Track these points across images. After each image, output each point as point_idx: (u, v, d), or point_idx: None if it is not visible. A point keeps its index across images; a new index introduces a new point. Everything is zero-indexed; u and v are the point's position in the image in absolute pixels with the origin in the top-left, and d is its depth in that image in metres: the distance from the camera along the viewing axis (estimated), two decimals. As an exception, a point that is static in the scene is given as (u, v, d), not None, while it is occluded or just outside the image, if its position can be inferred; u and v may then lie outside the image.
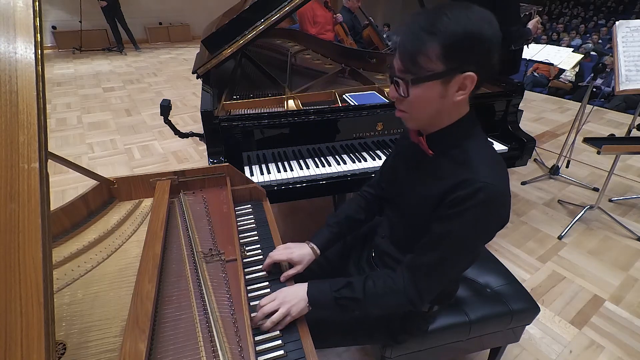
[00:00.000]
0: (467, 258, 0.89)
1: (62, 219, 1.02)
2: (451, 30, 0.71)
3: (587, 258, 2.13)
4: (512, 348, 1.59)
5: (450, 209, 0.79)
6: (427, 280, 0.85)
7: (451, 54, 0.72)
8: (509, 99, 1.82)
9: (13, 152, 0.53)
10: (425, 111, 0.82)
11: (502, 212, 0.81)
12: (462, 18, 0.71)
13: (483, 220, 0.79)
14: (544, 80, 6.05)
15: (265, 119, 1.54)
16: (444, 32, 0.71)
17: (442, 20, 0.71)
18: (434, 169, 0.87)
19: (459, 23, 0.71)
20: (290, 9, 1.60)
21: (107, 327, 0.78)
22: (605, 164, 3.08)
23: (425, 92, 0.78)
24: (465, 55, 0.73)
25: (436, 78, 0.75)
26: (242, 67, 2.35)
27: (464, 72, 0.74)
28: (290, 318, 0.83)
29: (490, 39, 0.72)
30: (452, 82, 0.76)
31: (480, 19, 0.72)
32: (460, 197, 0.77)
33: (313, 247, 1.06)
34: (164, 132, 3.77)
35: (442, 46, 0.72)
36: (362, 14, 4.15)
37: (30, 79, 0.56)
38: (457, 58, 0.73)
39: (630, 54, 2.14)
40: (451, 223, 0.80)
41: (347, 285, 0.90)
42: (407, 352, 1.12)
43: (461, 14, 0.72)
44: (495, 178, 0.78)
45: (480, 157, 0.81)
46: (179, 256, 0.97)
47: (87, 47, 7.64)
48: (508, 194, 0.80)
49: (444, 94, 0.78)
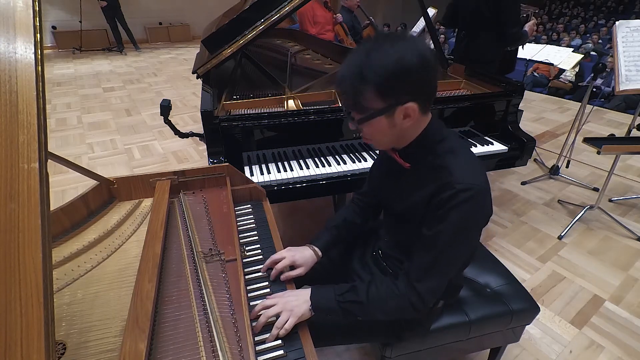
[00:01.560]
0: (461, 254, 0.91)
1: (62, 219, 1.02)
2: (379, 72, 0.76)
3: (587, 258, 2.13)
4: (512, 348, 1.59)
5: (436, 212, 0.84)
6: (426, 283, 0.87)
7: (385, 92, 0.78)
8: (509, 99, 1.82)
9: (13, 152, 0.53)
10: (384, 138, 0.88)
11: (484, 206, 0.86)
12: (386, 57, 0.76)
13: (468, 217, 0.83)
14: (544, 80, 6.05)
15: (265, 119, 1.54)
16: (373, 77, 0.76)
17: (369, 64, 0.76)
18: (415, 179, 0.92)
19: (384, 64, 0.75)
20: (290, 9, 1.61)
21: (107, 327, 0.78)
22: (605, 164, 3.08)
23: (374, 126, 0.84)
24: (398, 89, 0.78)
25: (378, 115, 0.81)
26: (242, 67, 2.35)
27: (404, 104, 0.79)
28: (293, 322, 0.82)
29: (417, 68, 0.76)
30: (396, 114, 0.81)
31: (404, 51, 0.75)
32: (443, 199, 0.82)
33: (315, 249, 1.07)
34: (164, 132, 3.77)
35: (375, 88, 0.77)
36: (362, 14, 4.15)
37: (30, 79, 0.56)
38: (392, 94, 0.78)
39: (630, 54, 2.14)
40: (438, 225, 0.83)
41: (350, 290, 0.91)
42: (407, 352, 1.12)
43: (386, 52, 0.76)
44: (473, 177, 0.82)
45: (456, 159, 0.85)
46: (179, 256, 0.97)
47: (87, 47, 7.64)
48: (486, 187, 0.84)
49: (392, 124, 0.83)
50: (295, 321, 0.82)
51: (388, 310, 0.91)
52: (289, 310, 0.83)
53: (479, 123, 1.87)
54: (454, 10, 2.67)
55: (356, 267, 1.19)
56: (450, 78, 2.11)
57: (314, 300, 0.88)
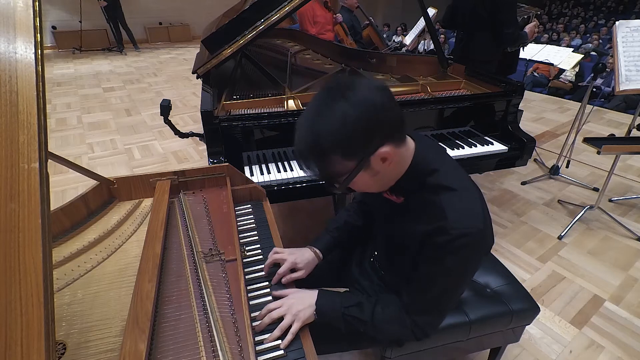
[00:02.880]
0: (460, 291, 0.91)
1: (62, 219, 1.02)
2: (333, 140, 0.71)
3: (587, 258, 2.13)
4: (512, 348, 1.59)
5: (432, 253, 0.81)
6: (426, 317, 0.88)
7: (350, 153, 0.73)
8: (509, 99, 1.82)
9: (13, 152, 0.53)
10: (371, 187, 0.84)
11: (483, 248, 0.82)
12: (331, 122, 0.70)
13: (465, 262, 0.81)
14: (544, 80, 6.05)
15: (265, 119, 1.54)
16: (330, 147, 0.71)
17: (319, 137, 0.71)
18: (408, 211, 0.88)
19: (335, 130, 0.70)
20: (290, 9, 1.60)
21: (107, 327, 0.78)
22: (605, 164, 3.08)
23: (358, 183, 0.80)
24: (360, 145, 0.72)
25: (356, 173, 0.76)
26: (242, 67, 2.35)
27: (374, 152, 0.74)
28: (298, 327, 0.81)
29: (366, 117, 0.70)
30: (372, 164, 0.76)
31: (345, 108, 0.69)
32: (439, 244, 0.78)
33: (315, 251, 1.07)
34: (164, 132, 3.77)
35: (339, 154, 0.72)
36: (362, 14, 4.15)
37: (30, 79, 0.56)
38: (358, 151, 0.73)
39: (630, 54, 2.14)
40: (436, 266, 0.81)
41: (357, 305, 0.90)
42: (407, 352, 1.12)
43: (328, 118, 0.71)
44: (470, 218, 0.77)
45: (452, 198, 0.79)
46: (179, 256, 0.97)
47: (87, 47, 7.64)
48: (485, 227, 0.79)
49: (374, 172, 0.78)
50: (300, 325, 0.82)
51: (389, 334, 0.92)
52: (294, 314, 0.82)
53: (479, 123, 1.87)
54: (453, 12, 2.68)
55: (354, 272, 1.19)
56: (450, 78, 2.12)
57: (319, 306, 0.87)
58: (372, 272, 1.14)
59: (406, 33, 6.11)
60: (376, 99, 0.71)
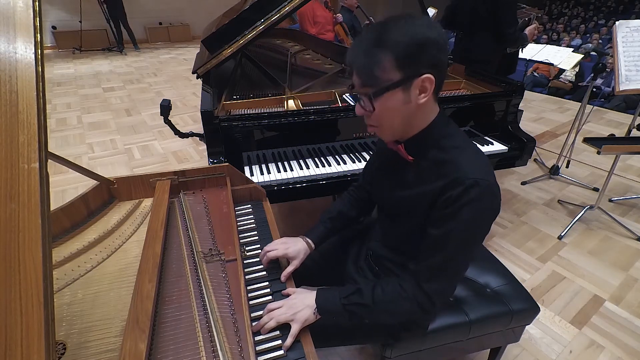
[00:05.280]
0: (472, 253, 0.88)
1: (62, 219, 1.02)
2: (399, 40, 0.75)
3: (587, 258, 2.13)
4: (512, 348, 1.59)
5: (445, 210, 0.80)
6: (436, 284, 0.85)
7: (404, 61, 0.76)
8: (509, 99, 1.82)
9: (13, 152, 0.53)
10: (395, 120, 0.84)
11: (494, 203, 0.82)
12: (406, 27, 0.75)
13: (479, 215, 0.80)
14: (544, 80, 6.05)
15: (265, 119, 1.54)
16: (393, 43, 0.75)
17: (388, 33, 0.76)
18: (417, 173, 0.89)
19: (404, 33, 0.75)
20: (290, 9, 1.60)
21: (107, 327, 0.78)
22: (605, 164, 3.08)
23: (389, 102, 0.80)
24: (417, 59, 0.76)
25: (396, 86, 0.78)
26: (242, 67, 2.35)
27: (421, 75, 0.76)
28: (298, 328, 0.82)
29: (436, 41, 0.76)
30: (412, 87, 0.78)
31: (423, 25, 0.76)
32: (453, 196, 0.78)
33: (308, 241, 1.08)
34: (164, 132, 3.76)
35: (394, 56, 0.75)
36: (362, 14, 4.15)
37: (30, 79, 0.56)
38: (411, 64, 0.76)
39: (630, 54, 2.14)
40: (448, 223, 0.80)
41: (356, 292, 0.90)
42: (407, 352, 1.12)
43: (405, 24, 0.76)
44: (483, 172, 0.79)
45: (463, 154, 0.83)
46: (179, 256, 0.97)
47: (87, 47, 7.63)
48: (496, 183, 0.81)
49: (407, 99, 0.79)
50: (300, 327, 0.82)
51: (395, 313, 0.90)
52: (292, 315, 0.82)
53: (479, 123, 1.87)
54: (453, 12, 2.68)
55: (351, 270, 1.19)
56: (450, 78, 2.11)
57: (319, 302, 0.87)
58: (368, 269, 1.14)
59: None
60: (440, 34, 0.77)
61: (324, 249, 1.20)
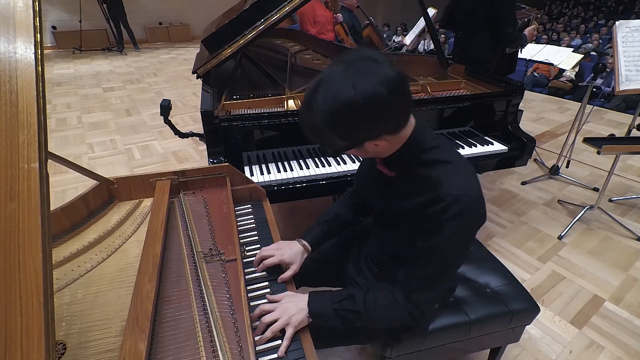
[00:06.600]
0: (457, 264, 0.90)
1: (62, 219, 1.02)
2: (335, 121, 0.71)
3: (587, 258, 2.13)
4: (512, 348, 1.59)
5: (429, 224, 0.81)
6: (423, 294, 0.87)
7: (347, 136, 0.74)
8: (509, 99, 1.82)
9: (13, 152, 0.53)
10: (367, 154, 0.86)
11: (477, 215, 0.82)
12: (341, 103, 0.68)
13: (462, 229, 0.80)
14: (544, 80, 6.05)
15: (265, 119, 1.54)
16: (330, 126, 0.72)
17: (323, 113, 0.71)
18: (401, 188, 0.89)
19: (325, 97, 0.69)
20: (290, 9, 1.60)
21: (107, 327, 0.78)
22: (605, 164, 3.08)
23: (353, 151, 0.81)
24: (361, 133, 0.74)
25: (348, 149, 0.78)
26: (242, 67, 2.35)
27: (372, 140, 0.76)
28: (292, 332, 0.82)
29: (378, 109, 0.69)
30: (366, 146, 0.78)
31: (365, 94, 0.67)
32: (435, 212, 0.79)
33: (304, 244, 1.07)
34: (164, 132, 3.76)
35: (335, 134, 0.74)
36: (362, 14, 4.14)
37: (30, 79, 0.56)
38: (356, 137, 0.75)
39: (630, 54, 2.14)
40: (433, 237, 0.81)
41: (348, 298, 0.90)
42: (407, 352, 1.12)
43: (331, 85, 0.70)
44: (464, 186, 0.79)
45: (444, 168, 0.82)
46: (179, 256, 0.97)
47: (87, 47, 7.63)
48: (479, 195, 0.81)
49: (365, 151, 0.81)
50: (294, 330, 0.82)
51: (385, 320, 0.91)
52: (286, 319, 0.82)
53: (479, 123, 1.87)
54: (451, 11, 2.68)
55: (351, 270, 1.19)
56: (450, 78, 2.11)
57: (311, 307, 0.87)
58: (368, 270, 1.14)
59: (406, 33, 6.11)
60: (385, 93, 0.68)
61: (325, 249, 1.21)
